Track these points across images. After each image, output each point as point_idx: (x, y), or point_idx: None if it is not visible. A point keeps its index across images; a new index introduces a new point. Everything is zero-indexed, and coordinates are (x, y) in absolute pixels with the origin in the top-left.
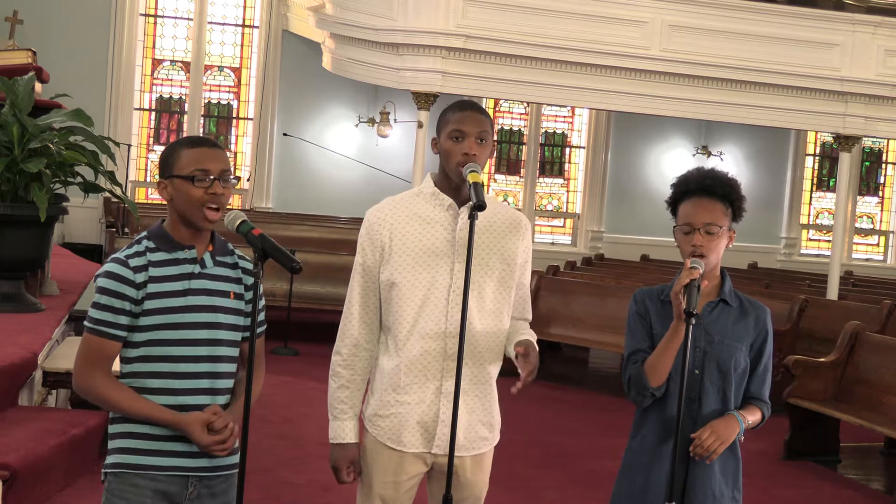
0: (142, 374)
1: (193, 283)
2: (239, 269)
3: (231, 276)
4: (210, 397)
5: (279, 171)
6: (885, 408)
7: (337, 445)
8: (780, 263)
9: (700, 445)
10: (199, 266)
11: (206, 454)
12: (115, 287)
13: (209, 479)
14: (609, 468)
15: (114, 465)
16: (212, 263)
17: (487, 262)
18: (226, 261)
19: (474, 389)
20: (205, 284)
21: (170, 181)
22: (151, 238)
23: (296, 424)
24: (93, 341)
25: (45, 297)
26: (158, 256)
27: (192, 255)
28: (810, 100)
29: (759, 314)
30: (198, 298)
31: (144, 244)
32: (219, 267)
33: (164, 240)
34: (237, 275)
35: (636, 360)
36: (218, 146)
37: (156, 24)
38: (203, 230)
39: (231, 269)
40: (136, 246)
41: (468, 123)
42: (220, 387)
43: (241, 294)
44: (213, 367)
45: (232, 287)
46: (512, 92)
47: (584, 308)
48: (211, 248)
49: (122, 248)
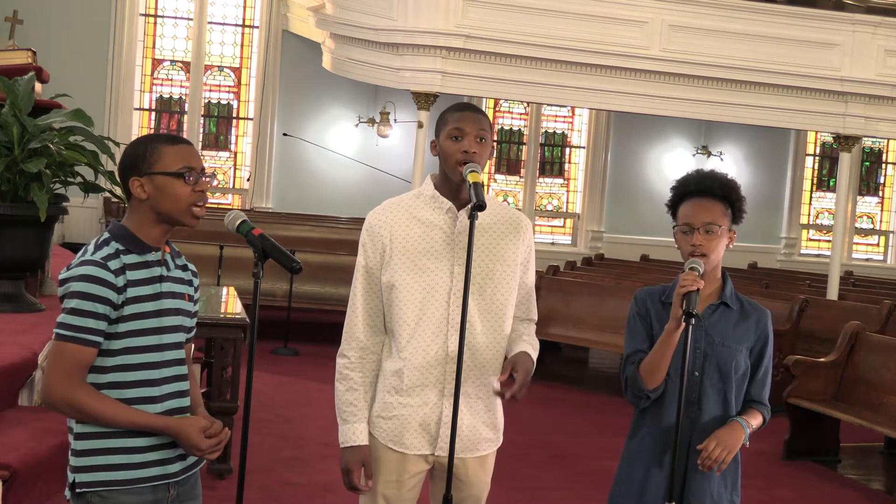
0: (119, 385)
1: (164, 285)
2: (188, 270)
3: (184, 278)
4: (179, 400)
5: (279, 171)
6: (885, 408)
7: (348, 448)
8: (780, 263)
9: (708, 457)
10: (165, 268)
11: (183, 457)
12: (97, 291)
13: (184, 480)
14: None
15: (94, 484)
16: (173, 265)
17: (488, 263)
18: (179, 262)
19: (477, 391)
20: (170, 287)
21: (148, 178)
22: (118, 240)
23: (296, 424)
24: (71, 350)
25: (45, 297)
26: (131, 259)
27: (158, 258)
28: (810, 100)
29: (760, 317)
30: (167, 301)
31: (114, 246)
32: (177, 269)
33: (131, 241)
34: (188, 277)
35: (634, 361)
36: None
37: (156, 24)
38: (188, 227)
39: (183, 271)
40: (106, 248)
41: (467, 122)
42: (185, 388)
43: (193, 296)
44: (179, 370)
45: (186, 289)
46: (512, 92)
47: (584, 308)
48: (168, 249)
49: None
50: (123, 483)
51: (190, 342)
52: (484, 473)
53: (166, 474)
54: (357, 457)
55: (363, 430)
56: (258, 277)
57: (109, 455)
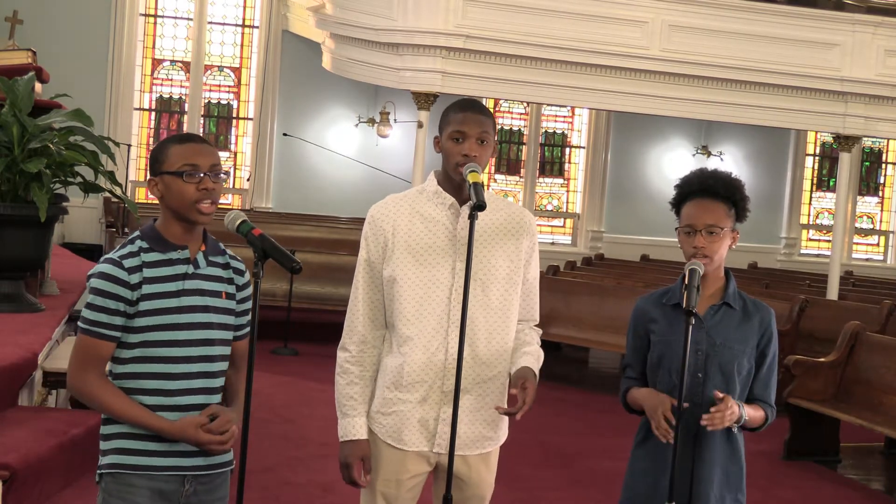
0: (137, 375)
1: (187, 283)
2: (230, 268)
3: (223, 276)
4: (205, 396)
5: (279, 171)
6: (885, 408)
7: (347, 442)
8: (780, 263)
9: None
10: (193, 266)
11: (202, 453)
12: (110, 288)
13: (204, 476)
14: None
15: (110, 466)
16: (205, 263)
17: (491, 260)
18: (217, 260)
19: (477, 389)
20: (198, 285)
21: (160, 178)
22: (144, 238)
23: (296, 424)
24: (87, 342)
25: (45, 297)
26: (152, 257)
27: (185, 256)
28: (810, 100)
29: (764, 315)
30: (191, 299)
31: (138, 244)
32: (211, 267)
33: (157, 240)
34: (228, 275)
35: (626, 376)
36: (206, 142)
37: (156, 24)
38: (199, 224)
39: (223, 269)
40: (129, 246)
41: (469, 124)
42: (214, 386)
43: (233, 294)
44: (206, 366)
45: (223, 287)
46: (512, 92)
47: (584, 308)
48: (203, 247)
49: (115, 248)
50: (133, 468)
51: (240, 339)
52: (487, 472)
53: (180, 466)
54: (356, 451)
55: (363, 425)
56: (258, 277)
57: (125, 440)
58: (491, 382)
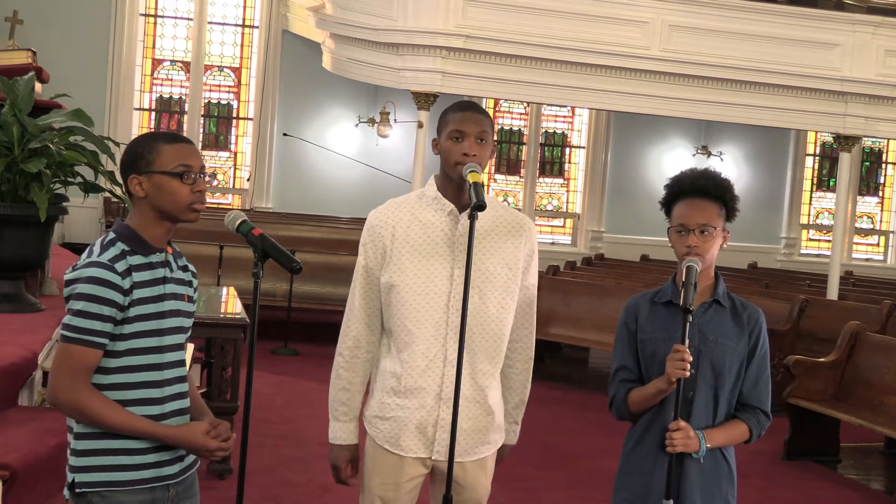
0: (123, 386)
1: (167, 287)
2: (189, 271)
3: (184, 279)
4: (181, 402)
5: (279, 171)
6: (885, 408)
7: (336, 446)
8: (780, 263)
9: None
10: (168, 270)
11: (181, 458)
12: (103, 293)
13: (183, 481)
14: (609, 468)
15: (96, 484)
16: (175, 266)
17: (489, 266)
18: (181, 263)
19: (475, 395)
20: (172, 289)
21: (146, 177)
22: (123, 240)
23: (296, 424)
24: (77, 352)
25: (45, 297)
26: (136, 260)
27: (162, 258)
28: (810, 100)
29: (752, 313)
30: (169, 303)
31: (120, 247)
32: (178, 270)
33: (137, 242)
34: (188, 277)
35: (622, 379)
36: (193, 142)
37: (156, 24)
38: (187, 223)
39: (184, 272)
40: (112, 249)
41: (468, 124)
42: (185, 390)
43: (192, 297)
44: (180, 371)
45: (186, 290)
46: (512, 92)
47: (584, 308)
48: (170, 250)
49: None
50: (123, 483)
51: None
52: (484, 476)
53: (165, 475)
54: (345, 454)
55: (353, 430)
56: (258, 277)
57: (110, 455)
58: (489, 388)
